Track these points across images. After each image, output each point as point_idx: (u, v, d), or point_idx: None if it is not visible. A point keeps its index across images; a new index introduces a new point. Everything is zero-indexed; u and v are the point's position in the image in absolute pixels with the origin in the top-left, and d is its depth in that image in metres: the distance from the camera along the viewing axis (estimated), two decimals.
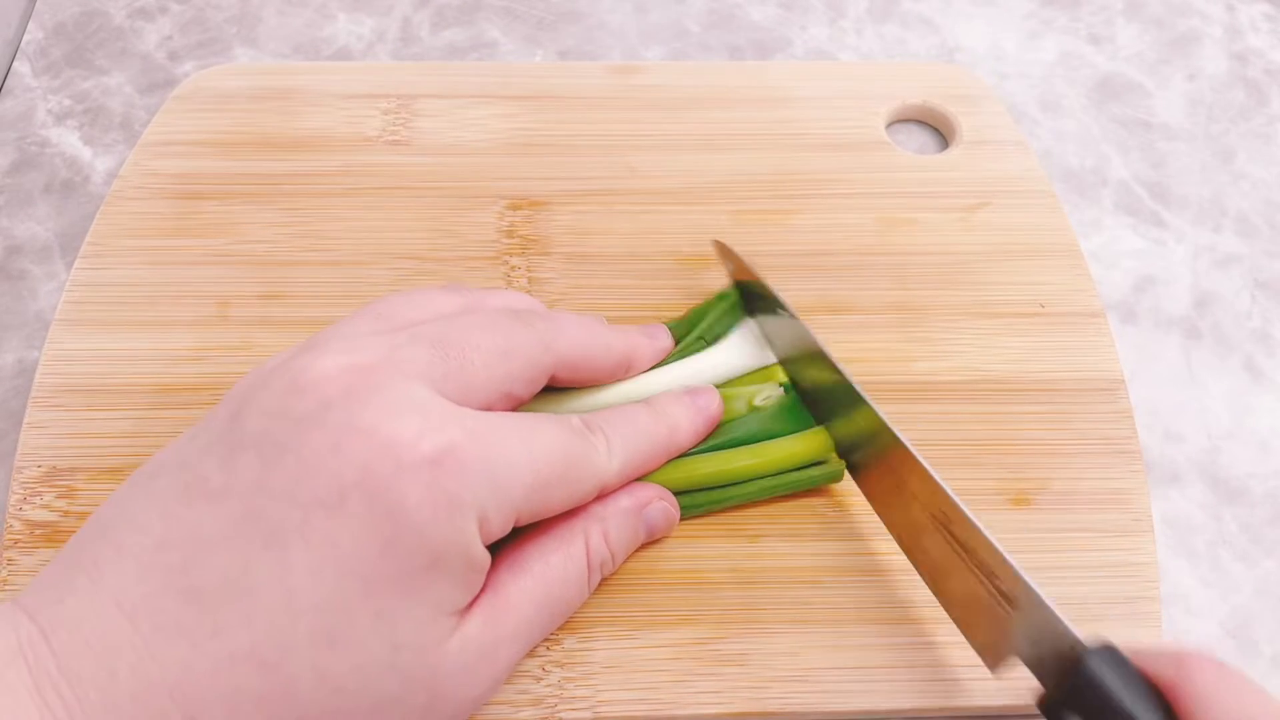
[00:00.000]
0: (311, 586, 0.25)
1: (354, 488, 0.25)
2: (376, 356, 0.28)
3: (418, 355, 0.29)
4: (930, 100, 0.47)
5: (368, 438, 0.26)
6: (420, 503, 0.26)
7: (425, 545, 0.26)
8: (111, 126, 0.47)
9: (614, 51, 0.51)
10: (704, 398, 0.35)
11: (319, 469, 0.26)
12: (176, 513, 0.26)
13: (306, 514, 0.25)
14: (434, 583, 0.26)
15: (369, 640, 0.26)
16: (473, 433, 0.27)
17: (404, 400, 0.27)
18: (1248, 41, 0.53)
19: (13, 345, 0.41)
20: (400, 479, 0.26)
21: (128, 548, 0.26)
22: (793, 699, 0.33)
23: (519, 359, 0.30)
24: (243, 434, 0.27)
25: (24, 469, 0.36)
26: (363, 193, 0.43)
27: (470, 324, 0.30)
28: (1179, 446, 0.40)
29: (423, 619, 0.27)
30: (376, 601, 0.26)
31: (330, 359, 0.28)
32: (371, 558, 0.25)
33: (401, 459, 0.26)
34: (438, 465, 0.26)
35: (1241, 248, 0.46)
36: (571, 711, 0.32)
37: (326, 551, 0.25)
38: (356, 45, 0.51)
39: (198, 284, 0.41)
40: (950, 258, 0.42)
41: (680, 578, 0.35)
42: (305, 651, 0.25)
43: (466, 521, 0.26)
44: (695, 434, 0.34)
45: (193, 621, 0.25)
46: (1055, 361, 0.40)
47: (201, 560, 0.25)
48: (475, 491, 0.27)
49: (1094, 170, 0.48)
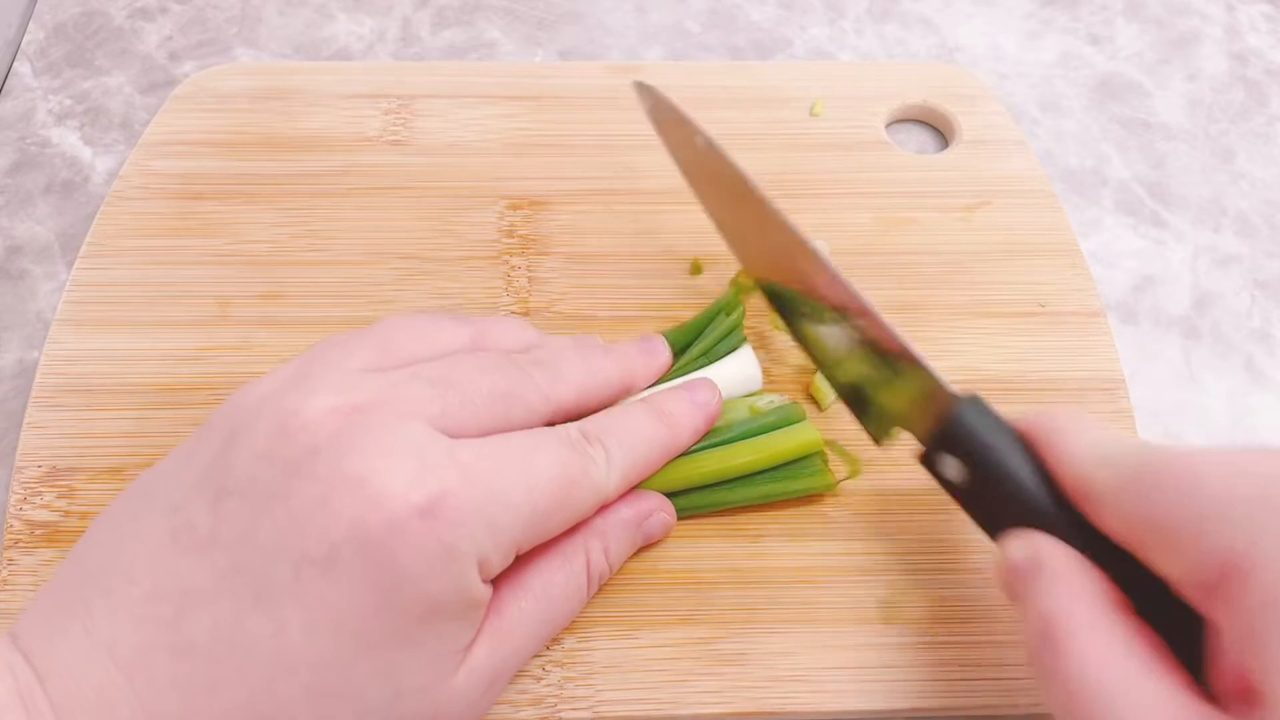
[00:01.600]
0: (306, 645, 0.25)
1: (345, 544, 0.25)
2: (370, 396, 0.27)
3: (415, 393, 0.28)
4: (930, 100, 0.47)
5: (357, 489, 0.25)
6: (415, 557, 0.25)
7: (422, 598, 0.25)
8: (111, 126, 0.47)
9: (614, 51, 0.51)
10: (702, 393, 0.35)
11: (307, 523, 0.25)
12: (166, 562, 0.25)
13: (297, 571, 0.25)
14: (433, 630, 0.26)
15: (368, 691, 0.26)
16: (468, 470, 0.26)
17: (396, 443, 0.26)
18: (1248, 41, 0.53)
19: (13, 345, 0.41)
20: (393, 534, 0.25)
21: (118, 596, 0.25)
22: (792, 699, 0.33)
23: (518, 407, 0.30)
24: (231, 477, 0.26)
25: (24, 469, 0.36)
26: (363, 193, 0.43)
27: (472, 367, 0.30)
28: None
29: (424, 664, 0.26)
30: (375, 657, 0.25)
31: (321, 399, 0.27)
32: (367, 615, 0.25)
33: (393, 512, 0.25)
34: (431, 516, 0.25)
35: (1241, 248, 0.46)
36: (571, 711, 0.32)
37: (319, 611, 0.25)
38: (356, 45, 0.51)
39: (198, 284, 0.41)
40: (950, 257, 0.42)
41: (680, 578, 0.35)
42: (303, 705, 0.25)
43: (465, 568, 0.26)
44: (695, 432, 0.34)
45: (186, 677, 0.24)
46: (1055, 361, 0.40)
47: (192, 614, 0.25)
48: (473, 536, 0.26)
49: (1094, 170, 0.48)
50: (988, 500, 0.29)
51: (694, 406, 0.34)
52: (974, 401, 0.30)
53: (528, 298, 0.41)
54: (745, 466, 0.35)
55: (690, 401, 0.34)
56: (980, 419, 0.29)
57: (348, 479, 0.25)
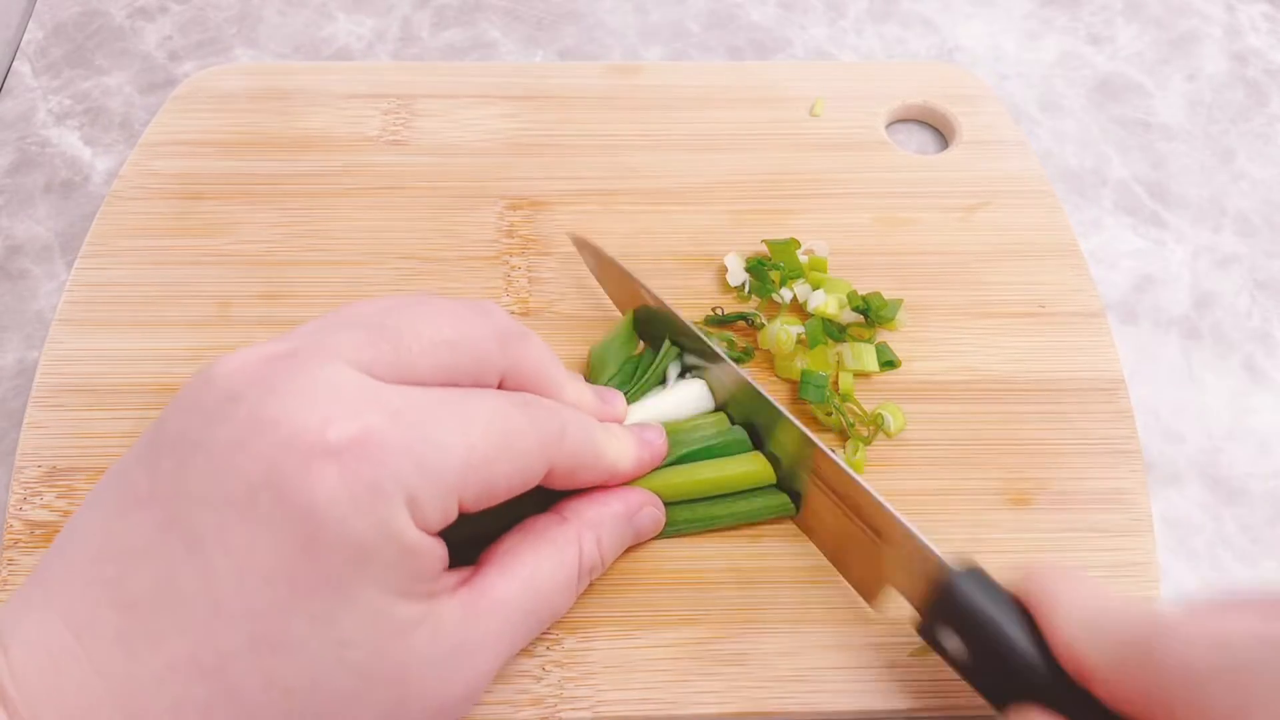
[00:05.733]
0: (238, 593, 0.24)
1: (263, 487, 0.24)
2: (297, 344, 0.27)
3: (346, 339, 0.27)
4: (930, 100, 0.47)
5: (272, 431, 0.24)
6: (334, 496, 0.24)
7: (347, 540, 0.24)
8: (111, 126, 0.47)
9: (614, 51, 0.51)
10: (650, 431, 0.34)
11: (227, 468, 0.24)
12: (111, 523, 0.26)
13: (221, 517, 0.24)
14: (368, 576, 0.25)
15: (310, 641, 0.25)
16: (396, 412, 0.25)
17: (317, 385, 0.25)
18: (1248, 41, 0.53)
19: (13, 345, 0.41)
20: (308, 473, 0.24)
21: (74, 561, 0.25)
22: (792, 699, 0.33)
23: (466, 355, 0.29)
24: (163, 434, 0.26)
25: (24, 469, 0.36)
26: (363, 193, 0.43)
27: (416, 312, 0.29)
28: (1179, 446, 0.40)
29: (367, 614, 0.25)
30: (308, 603, 0.25)
31: (250, 350, 0.26)
32: (293, 559, 0.24)
33: (308, 451, 0.24)
34: (349, 453, 0.24)
35: (1241, 248, 0.46)
36: (571, 711, 0.32)
37: (246, 557, 0.24)
38: (356, 45, 0.51)
39: (198, 284, 0.41)
40: (950, 258, 0.42)
41: (680, 578, 0.35)
42: (246, 656, 0.24)
43: (391, 509, 0.25)
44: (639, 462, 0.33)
45: (130, 632, 0.24)
46: (1055, 361, 0.40)
47: (132, 570, 0.25)
48: (398, 476, 0.25)
49: (1094, 170, 0.48)
50: (989, 673, 0.28)
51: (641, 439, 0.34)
52: (970, 573, 0.29)
53: (528, 298, 0.41)
54: (701, 484, 0.34)
55: (639, 433, 0.34)
56: (977, 592, 0.28)
57: (263, 421, 0.25)
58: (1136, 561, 0.36)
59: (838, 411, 0.37)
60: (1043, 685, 0.27)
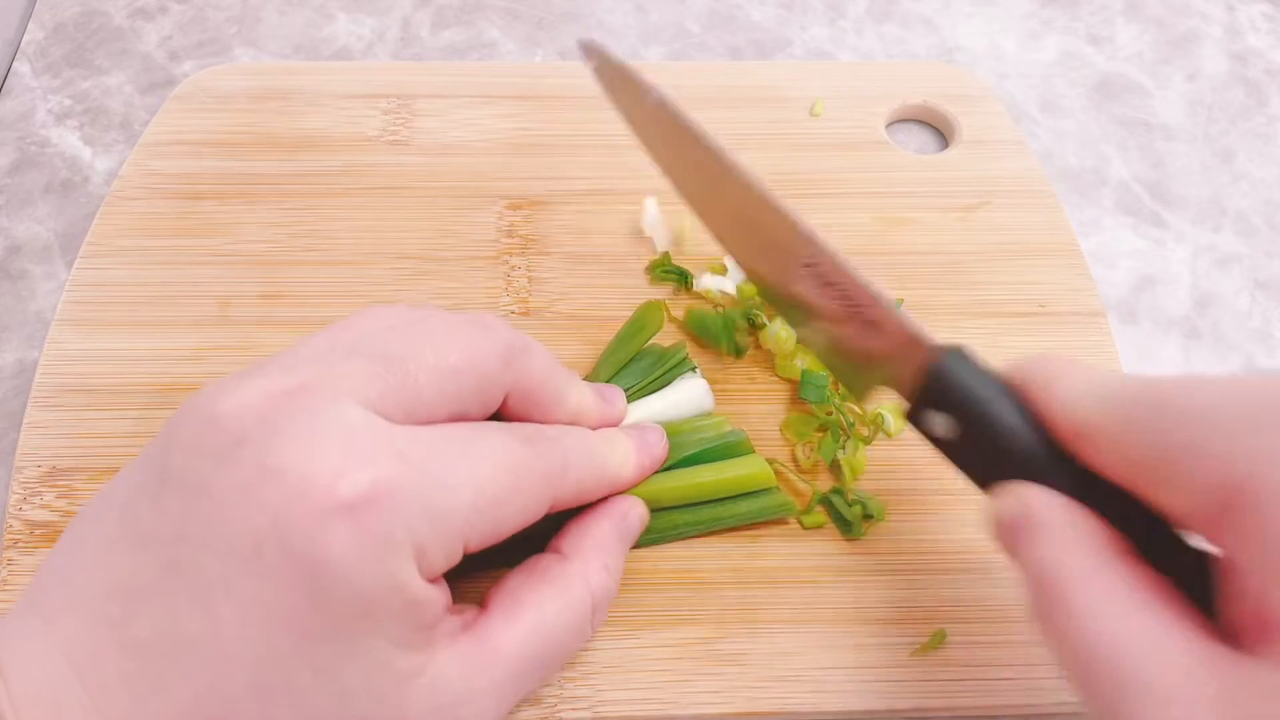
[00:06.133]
0: (242, 642, 0.24)
1: (269, 538, 0.24)
2: (303, 378, 0.26)
3: (352, 371, 0.26)
4: (930, 100, 0.47)
5: (279, 480, 0.24)
6: (344, 551, 0.24)
7: (355, 594, 0.24)
8: (111, 126, 0.47)
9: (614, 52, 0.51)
10: (651, 434, 0.34)
11: (232, 516, 0.24)
12: (114, 559, 0.25)
13: (226, 566, 0.24)
14: (372, 629, 0.25)
15: (313, 691, 0.25)
16: (404, 458, 0.25)
17: (325, 429, 0.25)
18: (1248, 41, 0.53)
19: (13, 345, 0.41)
20: (318, 528, 0.24)
21: (76, 594, 0.25)
22: (793, 699, 0.33)
23: (471, 377, 0.28)
24: (167, 470, 0.25)
25: (24, 469, 0.36)
26: (363, 193, 0.43)
27: (420, 334, 0.28)
28: None
29: (369, 665, 0.25)
30: (313, 653, 0.24)
31: (253, 383, 0.26)
32: (299, 612, 0.24)
33: (317, 505, 0.24)
34: (360, 509, 0.24)
35: (1241, 248, 0.46)
36: (571, 711, 0.32)
37: (252, 606, 0.24)
38: (356, 45, 0.51)
39: (198, 284, 0.41)
40: (950, 258, 0.42)
41: (680, 578, 0.35)
42: (249, 704, 0.24)
43: (400, 561, 0.25)
44: (639, 467, 0.33)
45: (134, 676, 0.24)
46: None
47: (137, 612, 0.24)
48: (408, 527, 0.25)
49: (1094, 170, 0.48)
50: (978, 454, 0.28)
51: (643, 444, 0.34)
52: (957, 353, 0.28)
53: (528, 298, 0.41)
54: (701, 488, 0.34)
55: (640, 438, 0.34)
56: (965, 371, 0.28)
57: (270, 469, 0.24)
58: None
59: (838, 411, 0.37)
60: (1034, 459, 0.26)
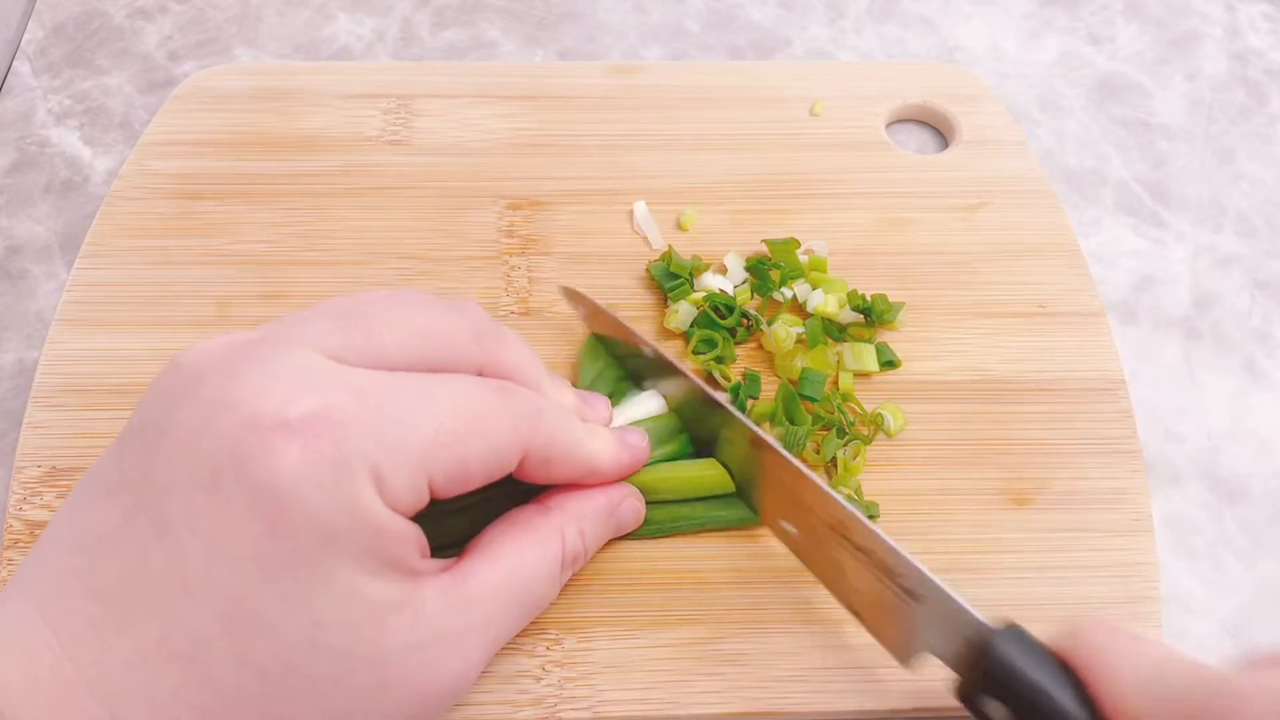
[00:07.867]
0: (208, 575, 0.24)
1: (226, 467, 0.24)
2: (267, 331, 0.27)
3: (316, 326, 0.27)
4: (930, 100, 0.47)
5: (234, 411, 0.24)
6: (296, 473, 0.24)
7: (313, 518, 0.24)
8: (111, 126, 0.47)
9: (614, 51, 0.51)
10: (631, 435, 0.34)
11: (191, 450, 0.25)
12: (83, 514, 0.26)
13: (187, 500, 0.24)
14: (338, 555, 0.25)
15: (283, 623, 0.25)
16: (359, 390, 0.25)
17: (280, 367, 0.25)
18: (1248, 41, 0.53)
19: (13, 345, 0.41)
20: (269, 450, 0.24)
21: (47, 554, 0.26)
22: (793, 699, 0.33)
23: (441, 348, 0.28)
24: (132, 423, 0.26)
25: (24, 469, 0.36)
26: (363, 193, 0.43)
27: (391, 304, 0.29)
28: (1179, 446, 0.40)
29: (341, 595, 0.25)
30: (279, 584, 0.24)
31: (218, 338, 0.27)
32: (261, 539, 0.24)
33: (268, 428, 0.24)
34: (310, 429, 0.24)
35: (1241, 248, 0.46)
36: (571, 711, 0.32)
37: (214, 538, 0.24)
38: (356, 45, 0.51)
39: (198, 284, 0.41)
40: (950, 258, 0.42)
41: (680, 578, 0.35)
42: (218, 639, 0.24)
43: (356, 485, 0.24)
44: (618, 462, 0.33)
45: (100, 619, 0.24)
46: (1055, 361, 0.40)
47: (102, 558, 0.25)
48: (361, 450, 0.25)
49: (1094, 170, 0.48)
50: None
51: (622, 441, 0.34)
52: (1011, 633, 0.27)
53: (528, 298, 0.41)
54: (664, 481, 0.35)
55: (620, 437, 0.34)
56: (1020, 654, 0.27)
57: (225, 403, 0.25)
58: (1136, 561, 0.36)
59: (838, 411, 0.37)
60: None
